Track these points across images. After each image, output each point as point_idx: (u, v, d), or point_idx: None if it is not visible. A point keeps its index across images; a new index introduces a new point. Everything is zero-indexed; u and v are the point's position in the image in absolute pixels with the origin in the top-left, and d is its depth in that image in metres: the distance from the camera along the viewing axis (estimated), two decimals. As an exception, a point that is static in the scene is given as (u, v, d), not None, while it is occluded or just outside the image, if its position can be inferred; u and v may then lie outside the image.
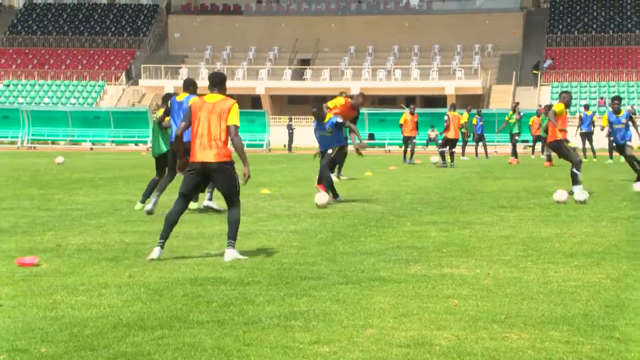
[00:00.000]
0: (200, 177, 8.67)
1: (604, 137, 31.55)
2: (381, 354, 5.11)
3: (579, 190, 15.02)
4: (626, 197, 15.52)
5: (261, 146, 47.05)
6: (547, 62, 59.16)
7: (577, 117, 37.45)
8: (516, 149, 31.80)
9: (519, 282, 7.37)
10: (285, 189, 17.59)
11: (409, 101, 52.77)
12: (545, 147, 27.00)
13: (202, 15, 66.42)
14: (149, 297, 6.69)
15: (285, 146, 47.36)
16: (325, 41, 63.51)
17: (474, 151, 35.00)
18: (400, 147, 37.97)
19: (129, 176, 21.01)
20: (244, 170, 8.52)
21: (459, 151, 31.09)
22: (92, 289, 6.98)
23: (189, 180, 8.69)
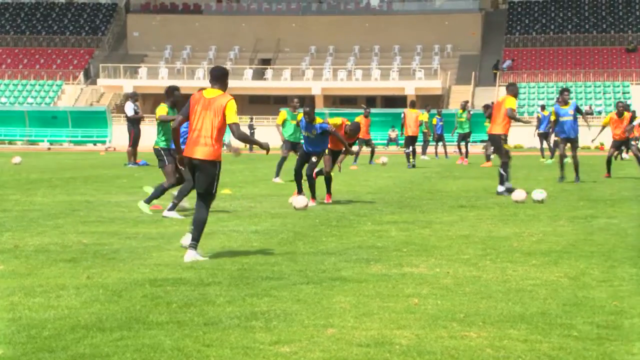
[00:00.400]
0: (192, 171, 8.70)
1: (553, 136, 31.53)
2: (341, 354, 5.12)
3: (502, 190, 15.33)
4: (583, 197, 15.71)
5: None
6: (506, 63, 59.73)
7: (534, 118, 37.88)
8: (468, 149, 31.65)
9: (478, 281, 7.42)
10: (246, 189, 17.54)
11: (370, 101, 52.97)
12: (487, 145, 26.93)
13: (162, 14, 66.06)
14: (108, 298, 6.63)
15: (246, 146, 47.24)
16: (286, 41, 63.51)
17: (434, 151, 35.17)
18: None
19: (87, 176, 20.82)
20: (265, 146, 8.92)
21: (419, 150, 31.18)
22: (50, 291, 6.90)
23: (187, 174, 8.72)
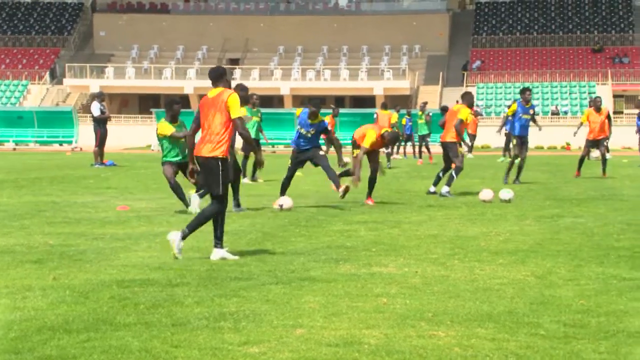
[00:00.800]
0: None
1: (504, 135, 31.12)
2: (310, 354, 5.12)
3: (446, 190, 15.47)
4: (550, 196, 15.84)
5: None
6: (476, 63, 60.11)
7: (501, 117, 38.09)
8: (429, 149, 31.70)
9: (446, 280, 7.45)
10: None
11: (339, 101, 53.01)
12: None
13: (129, 13, 65.61)
14: (75, 299, 6.58)
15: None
16: (254, 41, 63.39)
17: (402, 151, 35.29)
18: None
19: (53, 177, 20.62)
20: (257, 157, 8.97)
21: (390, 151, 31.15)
22: (15, 292, 6.83)
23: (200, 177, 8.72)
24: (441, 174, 16.08)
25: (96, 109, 25.59)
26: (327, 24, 63.22)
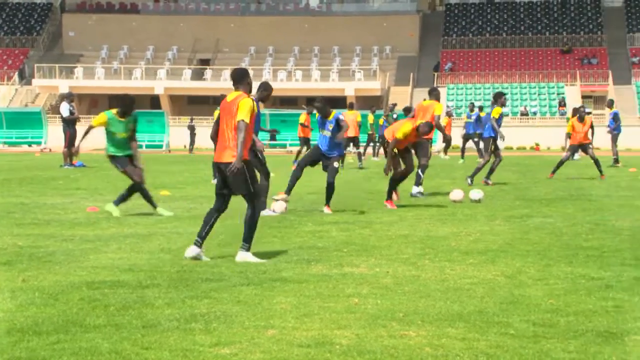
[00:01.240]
0: (221, 178, 8.60)
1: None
2: (282, 355, 5.12)
3: (416, 191, 15.54)
4: (519, 197, 15.95)
5: (160, 147, 46.51)
6: (448, 65, 60.44)
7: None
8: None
9: (417, 280, 7.48)
10: (185, 191, 17.42)
11: (310, 102, 53.00)
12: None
13: (98, 13, 65.19)
14: (44, 301, 6.53)
15: (185, 147, 46.93)
16: (225, 41, 63.24)
17: (382, 152, 35.47)
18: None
19: (22, 178, 20.43)
20: (235, 161, 8.28)
21: (370, 151, 31.35)
22: (-16, 295, 6.76)
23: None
24: (419, 171, 16.12)
25: (65, 109, 25.41)
26: (298, 25, 63.23)
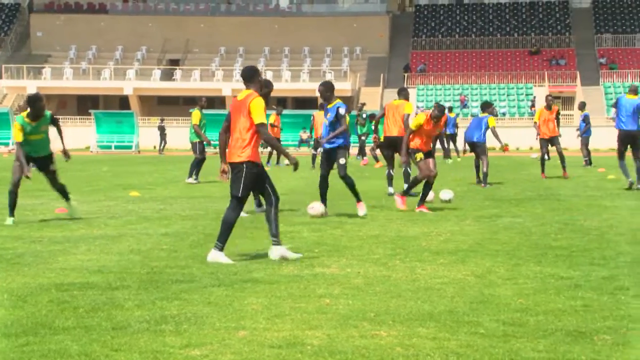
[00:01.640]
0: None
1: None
2: (253, 356, 5.11)
3: (393, 191, 15.73)
4: (489, 197, 16.05)
5: (130, 147, 46.25)
6: (420, 67, 60.70)
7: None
8: (364, 150, 32.23)
9: (388, 280, 7.50)
10: (155, 192, 17.34)
11: (281, 102, 52.99)
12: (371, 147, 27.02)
13: (66, 14, 64.70)
14: (13, 303, 6.47)
15: (155, 147, 46.71)
16: (195, 42, 63.02)
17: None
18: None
19: (-10, 179, 20.23)
20: (291, 161, 8.70)
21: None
22: (-50, 298, 6.68)
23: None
24: (392, 172, 16.18)
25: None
26: (269, 25, 63.17)
